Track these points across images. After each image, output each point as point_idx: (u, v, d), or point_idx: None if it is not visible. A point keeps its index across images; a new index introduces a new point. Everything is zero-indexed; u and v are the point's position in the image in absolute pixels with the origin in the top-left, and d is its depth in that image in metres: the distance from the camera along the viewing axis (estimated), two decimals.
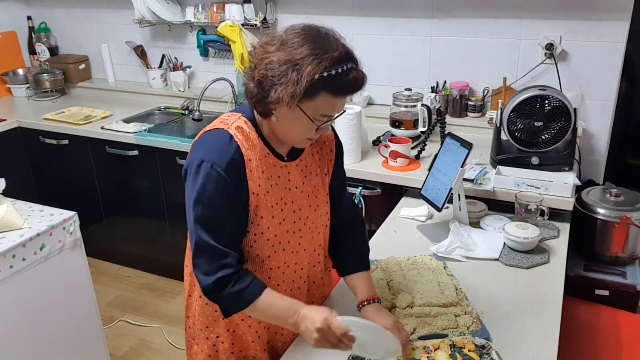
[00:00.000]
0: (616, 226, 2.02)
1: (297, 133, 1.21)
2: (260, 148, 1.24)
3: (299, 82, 1.08)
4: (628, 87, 2.63)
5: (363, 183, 2.28)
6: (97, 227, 3.26)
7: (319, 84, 1.10)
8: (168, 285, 3.15)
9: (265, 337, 1.40)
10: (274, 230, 1.27)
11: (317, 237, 1.39)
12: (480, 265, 1.70)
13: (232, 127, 1.21)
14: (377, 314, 1.32)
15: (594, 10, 2.31)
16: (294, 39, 1.12)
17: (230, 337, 1.38)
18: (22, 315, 1.88)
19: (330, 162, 1.40)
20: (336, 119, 1.22)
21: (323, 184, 1.37)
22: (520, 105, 2.05)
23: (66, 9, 3.61)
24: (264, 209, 1.25)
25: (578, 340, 1.78)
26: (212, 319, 1.37)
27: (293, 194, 1.30)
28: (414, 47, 2.71)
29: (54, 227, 1.92)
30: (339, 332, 1.14)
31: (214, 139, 1.21)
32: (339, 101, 1.16)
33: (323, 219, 1.39)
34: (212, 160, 1.16)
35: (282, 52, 1.11)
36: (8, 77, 3.61)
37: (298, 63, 1.09)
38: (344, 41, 1.16)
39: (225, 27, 2.83)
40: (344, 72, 1.11)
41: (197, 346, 1.43)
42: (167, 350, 2.67)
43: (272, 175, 1.26)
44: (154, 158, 2.86)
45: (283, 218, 1.28)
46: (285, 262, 1.33)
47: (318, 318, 1.15)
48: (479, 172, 2.10)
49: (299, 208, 1.31)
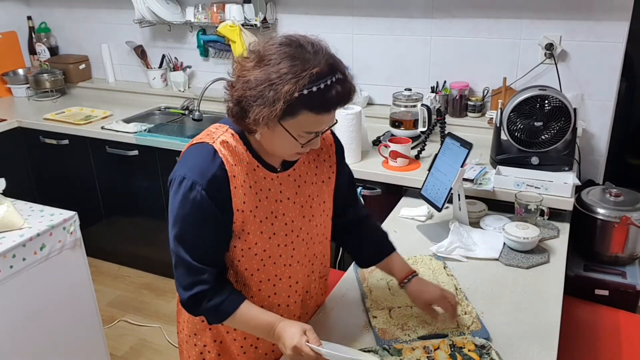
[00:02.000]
0: (616, 226, 2.02)
1: (282, 150, 1.18)
2: (249, 161, 1.20)
3: (275, 102, 1.04)
4: (628, 87, 2.63)
5: (363, 183, 2.28)
6: (97, 227, 3.26)
7: (298, 102, 1.05)
8: (168, 285, 3.15)
9: (252, 355, 1.37)
10: (262, 246, 1.25)
11: (312, 248, 1.35)
12: (480, 265, 1.70)
13: (217, 141, 1.18)
14: (421, 287, 1.37)
15: (593, 10, 2.31)
16: (272, 55, 1.06)
17: (217, 348, 1.36)
18: (22, 315, 1.88)
19: (331, 168, 1.36)
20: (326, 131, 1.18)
21: (320, 192, 1.33)
22: (520, 105, 2.05)
23: (66, 9, 3.61)
24: (251, 224, 1.21)
25: (578, 340, 1.78)
26: (199, 328, 1.36)
27: (285, 205, 1.26)
28: (414, 47, 2.71)
29: (54, 227, 1.92)
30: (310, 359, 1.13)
31: (197, 154, 1.18)
32: (324, 117, 1.11)
33: (320, 229, 1.35)
34: (193, 178, 1.13)
35: (259, 71, 1.06)
36: (8, 77, 3.61)
37: (274, 82, 1.04)
38: (328, 51, 1.09)
39: (225, 27, 2.83)
40: (326, 88, 1.05)
41: (186, 351, 1.42)
42: (167, 350, 2.67)
43: (262, 188, 1.23)
44: (154, 158, 2.86)
45: (273, 232, 1.25)
46: (276, 275, 1.30)
47: (289, 343, 1.14)
48: (479, 172, 2.10)
49: (291, 220, 1.28)
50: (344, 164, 1.42)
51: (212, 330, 1.34)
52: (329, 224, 1.39)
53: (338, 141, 1.40)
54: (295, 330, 1.15)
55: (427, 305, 1.35)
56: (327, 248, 1.43)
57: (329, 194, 1.36)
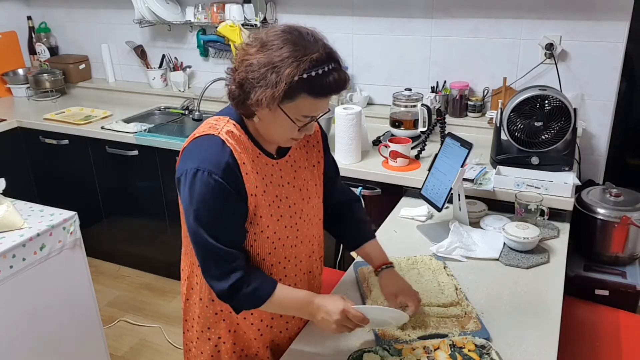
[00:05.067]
0: (616, 226, 2.02)
1: (280, 133, 1.22)
2: (252, 149, 1.25)
3: (277, 84, 1.09)
4: (628, 87, 2.62)
5: (363, 183, 2.28)
6: (97, 227, 3.26)
7: (298, 85, 1.10)
8: (168, 285, 3.15)
9: (268, 335, 1.42)
10: (273, 228, 1.30)
11: (311, 229, 1.41)
12: (480, 265, 1.70)
13: (222, 132, 1.21)
14: (392, 279, 1.44)
15: (594, 10, 2.31)
16: (274, 40, 1.12)
17: (232, 337, 1.39)
18: (22, 315, 1.88)
19: (319, 153, 1.43)
20: (320, 118, 1.23)
21: (312, 176, 1.40)
22: (520, 105, 2.05)
23: (66, 9, 3.61)
24: (263, 208, 1.26)
25: (578, 340, 1.78)
26: (213, 321, 1.38)
27: (286, 190, 1.32)
28: (414, 47, 2.71)
29: (54, 227, 1.92)
30: (357, 320, 1.23)
31: (206, 146, 1.21)
32: (321, 102, 1.17)
33: (315, 210, 1.42)
34: (207, 168, 1.16)
35: (262, 55, 1.11)
36: (8, 77, 3.61)
37: (277, 65, 1.09)
38: (326, 42, 1.16)
39: (225, 27, 2.83)
40: (325, 74, 1.11)
41: (195, 349, 1.43)
42: (167, 350, 2.67)
43: (266, 174, 1.28)
44: (154, 158, 2.86)
45: (280, 215, 1.31)
46: (285, 257, 1.35)
47: (335, 309, 1.23)
48: (479, 172, 2.10)
49: (294, 203, 1.34)
50: (328, 151, 1.48)
51: (226, 321, 1.37)
52: (321, 205, 1.46)
53: (322, 127, 1.48)
54: (336, 298, 1.26)
55: (392, 295, 1.40)
56: (322, 229, 1.49)
57: (319, 177, 1.43)
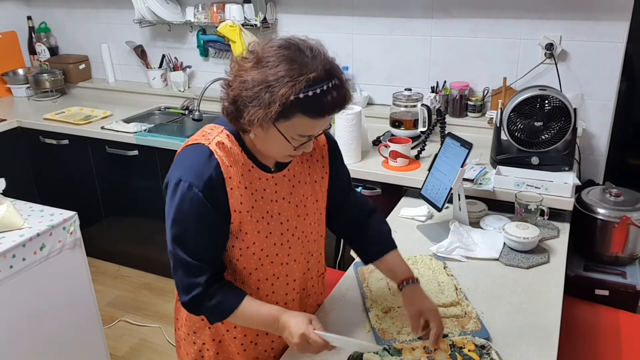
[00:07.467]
0: (616, 226, 2.02)
1: (275, 151, 1.18)
2: (244, 162, 1.21)
3: (271, 105, 1.04)
4: (628, 87, 2.62)
5: (363, 183, 2.28)
6: (97, 227, 3.26)
7: (293, 106, 1.05)
8: (168, 285, 3.15)
9: (252, 352, 1.38)
10: (259, 245, 1.26)
11: (307, 246, 1.36)
12: (480, 265, 1.70)
13: (212, 142, 1.18)
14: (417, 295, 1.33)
15: (594, 10, 2.31)
16: (270, 57, 1.06)
17: (216, 347, 1.37)
18: (22, 315, 1.88)
19: (324, 168, 1.36)
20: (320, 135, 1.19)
21: (313, 192, 1.34)
22: (520, 105, 2.05)
23: (66, 9, 3.61)
24: (249, 224, 1.22)
25: (578, 340, 1.78)
26: (198, 326, 1.36)
27: (280, 205, 1.27)
28: (414, 47, 2.71)
29: (54, 227, 1.92)
30: (317, 346, 1.16)
31: (193, 156, 1.18)
32: (318, 122, 1.11)
33: (314, 227, 1.36)
34: (189, 180, 1.14)
35: (256, 72, 1.06)
36: (8, 77, 3.61)
37: (271, 84, 1.04)
38: (327, 56, 1.10)
39: (225, 27, 2.83)
40: (322, 93, 1.06)
41: (182, 348, 1.43)
42: (167, 350, 2.67)
43: (257, 189, 1.23)
44: (154, 158, 2.86)
45: (269, 231, 1.26)
46: (274, 274, 1.31)
47: (296, 331, 1.16)
48: (479, 172, 2.10)
49: (287, 219, 1.29)
50: (343, 165, 1.42)
51: (212, 329, 1.35)
52: (322, 222, 1.40)
53: (331, 141, 1.39)
54: (302, 319, 1.19)
55: (417, 314, 1.30)
56: (322, 246, 1.44)
57: (322, 193, 1.37)
